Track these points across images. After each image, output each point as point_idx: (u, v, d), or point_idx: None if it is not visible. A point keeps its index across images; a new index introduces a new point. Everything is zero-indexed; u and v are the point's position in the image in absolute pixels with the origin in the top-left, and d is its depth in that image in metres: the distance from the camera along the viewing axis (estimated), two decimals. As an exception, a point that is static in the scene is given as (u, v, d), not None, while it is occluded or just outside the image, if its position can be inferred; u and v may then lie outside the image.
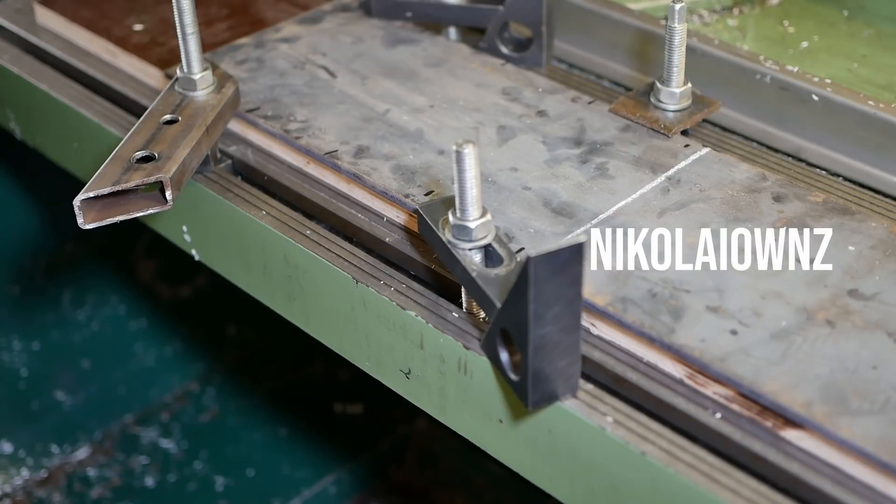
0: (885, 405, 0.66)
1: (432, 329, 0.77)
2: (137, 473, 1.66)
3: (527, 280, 0.63)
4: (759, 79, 0.95)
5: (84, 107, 1.04)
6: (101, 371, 1.69)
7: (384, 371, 0.84)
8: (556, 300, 0.64)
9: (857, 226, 0.80)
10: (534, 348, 0.65)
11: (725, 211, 0.82)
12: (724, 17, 1.13)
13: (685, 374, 0.72)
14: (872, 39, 1.08)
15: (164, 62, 1.03)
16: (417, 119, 0.93)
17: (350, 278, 0.82)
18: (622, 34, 1.03)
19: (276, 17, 1.10)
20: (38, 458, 1.61)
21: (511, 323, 0.68)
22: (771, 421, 0.68)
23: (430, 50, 1.02)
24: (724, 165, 0.86)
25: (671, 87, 0.91)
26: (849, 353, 0.70)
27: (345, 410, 1.75)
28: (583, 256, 0.63)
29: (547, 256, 0.62)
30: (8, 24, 1.15)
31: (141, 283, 1.72)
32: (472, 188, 0.72)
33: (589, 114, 0.93)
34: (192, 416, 1.72)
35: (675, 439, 0.70)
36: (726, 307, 0.73)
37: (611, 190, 0.84)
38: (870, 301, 0.73)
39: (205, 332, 1.76)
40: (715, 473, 0.68)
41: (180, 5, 0.89)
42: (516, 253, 0.76)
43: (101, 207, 0.83)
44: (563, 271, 0.63)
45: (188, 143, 0.87)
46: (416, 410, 0.66)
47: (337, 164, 0.88)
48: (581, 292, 0.65)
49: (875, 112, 0.90)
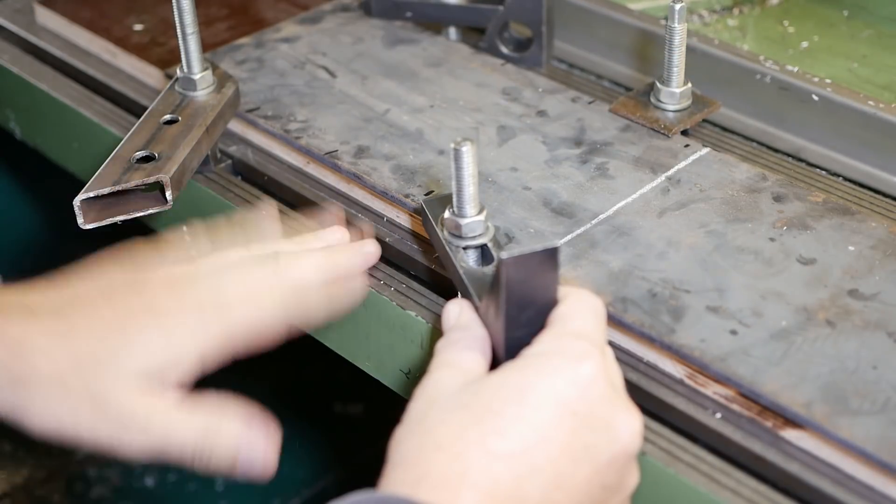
0: (885, 405, 0.66)
1: (432, 329, 0.77)
2: (137, 473, 1.66)
3: (499, 281, 0.63)
4: (759, 79, 0.95)
5: (84, 107, 1.04)
6: (102, 371, 1.68)
7: (384, 371, 0.84)
8: (530, 303, 0.64)
9: (857, 226, 0.80)
10: (506, 350, 0.65)
11: (725, 211, 0.82)
12: (724, 17, 1.13)
13: (685, 374, 0.72)
14: (872, 39, 1.08)
15: (164, 62, 1.03)
16: (417, 119, 0.93)
17: (350, 278, 0.82)
18: (622, 34, 1.03)
19: (276, 17, 1.10)
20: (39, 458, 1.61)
21: (487, 324, 0.67)
22: (771, 421, 0.68)
23: (430, 50, 1.02)
24: (724, 165, 0.86)
25: (671, 87, 0.91)
26: (849, 353, 0.70)
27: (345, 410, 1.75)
28: (557, 261, 0.63)
29: (520, 258, 0.61)
30: (8, 24, 1.15)
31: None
32: (470, 186, 0.72)
33: (589, 114, 0.93)
34: (192, 416, 1.72)
35: (675, 439, 0.70)
36: (726, 307, 0.73)
37: (611, 190, 0.84)
38: (870, 301, 0.73)
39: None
40: (715, 473, 0.68)
41: (180, 5, 0.89)
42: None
43: (101, 207, 0.83)
44: (538, 275, 0.63)
45: (188, 143, 0.87)
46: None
47: (337, 164, 0.88)
48: (556, 297, 0.65)
49: (875, 112, 0.90)
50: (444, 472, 0.58)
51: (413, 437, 0.60)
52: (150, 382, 0.67)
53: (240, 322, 0.70)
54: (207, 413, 0.68)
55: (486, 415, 0.59)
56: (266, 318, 0.71)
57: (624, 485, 0.63)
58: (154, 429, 0.66)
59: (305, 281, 0.72)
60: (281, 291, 0.71)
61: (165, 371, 0.67)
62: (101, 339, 0.67)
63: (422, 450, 0.59)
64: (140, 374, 0.66)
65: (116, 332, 0.67)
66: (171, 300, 0.69)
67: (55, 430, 0.67)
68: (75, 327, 0.68)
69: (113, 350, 0.67)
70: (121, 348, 0.67)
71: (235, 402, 0.69)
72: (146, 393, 0.66)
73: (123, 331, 0.67)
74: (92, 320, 0.68)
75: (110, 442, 0.67)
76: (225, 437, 0.67)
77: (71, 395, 0.66)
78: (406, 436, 0.61)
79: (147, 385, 0.67)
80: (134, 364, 0.67)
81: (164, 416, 0.67)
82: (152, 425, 0.66)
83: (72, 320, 0.68)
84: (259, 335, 0.71)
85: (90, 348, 0.67)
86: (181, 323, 0.68)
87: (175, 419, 0.67)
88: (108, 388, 0.66)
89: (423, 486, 0.57)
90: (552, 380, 0.60)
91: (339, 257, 0.76)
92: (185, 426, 0.67)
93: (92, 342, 0.67)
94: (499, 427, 0.59)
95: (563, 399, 0.60)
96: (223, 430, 0.67)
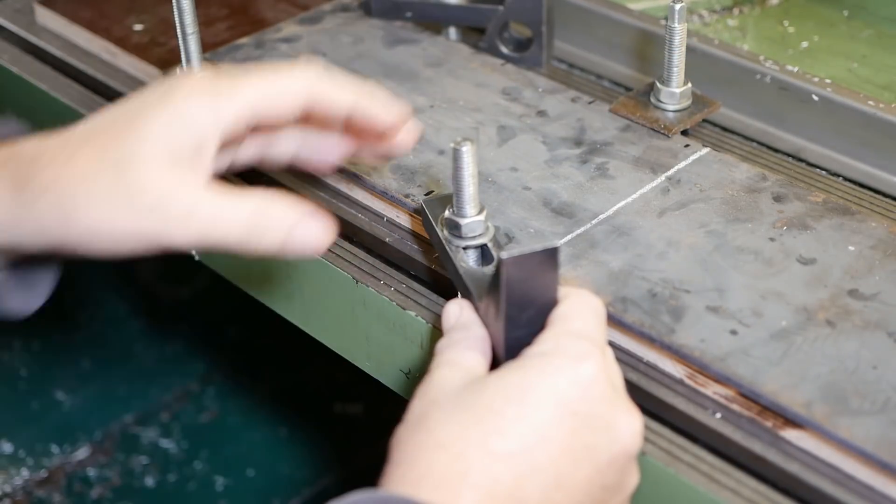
0: (885, 405, 0.66)
1: (432, 329, 0.78)
2: (137, 473, 1.66)
3: (500, 281, 0.63)
4: (759, 79, 0.95)
5: (84, 107, 1.04)
6: (101, 371, 1.69)
7: (384, 371, 0.84)
8: (531, 303, 0.64)
9: (857, 226, 0.80)
10: (507, 350, 0.65)
11: (725, 211, 0.82)
12: (724, 17, 1.13)
13: (685, 374, 0.72)
14: (872, 39, 1.08)
15: (164, 62, 1.03)
16: (417, 119, 0.92)
17: (350, 278, 0.82)
18: (622, 34, 1.03)
19: (276, 17, 1.10)
20: (38, 458, 1.61)
21: (488, 324, 0.67)
22: (771, 421, 0.68)
23: (430, 50, 1.02)
24: (724, 165, 0.86)
25: (671, 87, 0.91)
26: (849, 353, 0.70)
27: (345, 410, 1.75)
28: (557, 260, 0.63)
29: (520, 258, 0.61)
30: (8, 24, 1.15)
31: (141, 283, 1.72)
32: (469, 186, 0.72)
33: (589, 114, 0.93)
34: (192, 416, 1.72)
35: (675, 439, 0.70)
36: (726, 307, 0.73)
37: (611, 190, 0.84)
38: (870, 301, 0.73)
39: (205, 333, 1.76)
40: (715, 473, 0.68)
41: (180, 5, 0.89)
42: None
43: (101, 207, 0.83)
44: (538, 274, 0.63)
45: (188, 143, 0.87)
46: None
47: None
48: (556, 297, 0.65)
49: (875, 112, 0.90)
50: (444, 472, 0.58)
51: (414, 436, 0.60)
52: (183, 168, 0.66)
53: (254, 98, 0.68)
54: (254, 196, 0.67)
55: (487, 414, 0.59)
56: (283, 90, 0.69)
57: (624, 485, 0.63)
58: (199, 215, 0.65)
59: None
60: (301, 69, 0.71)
61: (194, 156, 0.66)
62: (122, 133, 0.66)
63: (423, 449, 0.59)
64: (169, 159, 0.65)
65: (135, 123, 0.66)
66: (183, 88, 0.68)
67: (103, 239, 0.66)
68: (95, 131, 0.67)
69: (136, 139, 0.66)
70: (143, 138, 0.66)
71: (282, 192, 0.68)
72: (182, 179, 0.66)
73: (142, 119, 0.66)
74: (107, 122, 0.68)
75: (158, 237, 0.66)
76: (276, 216, 0.66)
77: (108, 194, 0.65)
78: (407, 435, 0.61)
79: (180, 171, 0.66)
80: (160, 148, 0.65)
81: (208, 203, 0.66)
82: (197, 212, 0.65)
83: (88, 127, 0.68)
84: (277, 108, 0.69)
85: (113, 143, 0.66)
86: (194, 104, 0.67)
87: (219, 203, 0.66)
88: (142, 177, 0.65)
89: (424, 486, 0.57)
90: (553, 380, 0.60)
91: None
92: (231, 210, 0.66)
93: (113, 138, 0.66)
94: (500, 427, 0.59)
95: (563, 399, 0.60)
96: (273, 209, 0.67)
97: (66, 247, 0.67)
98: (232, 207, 0.66)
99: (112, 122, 0.68)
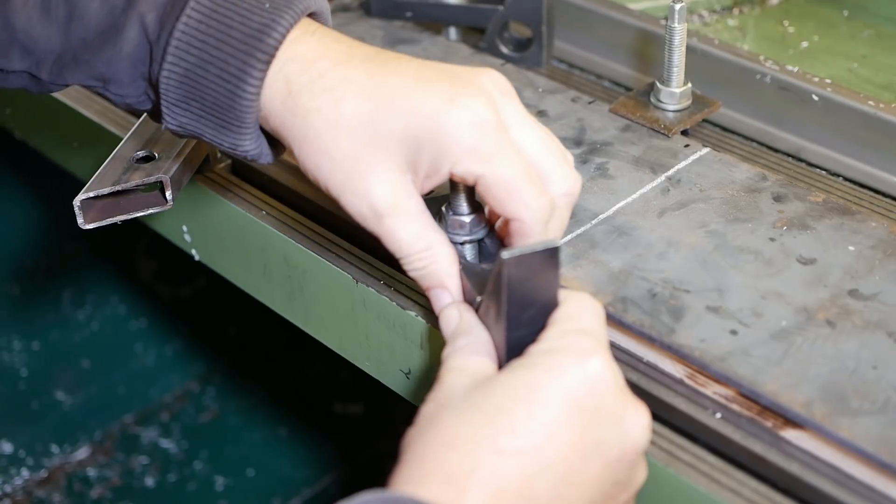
0: (885, 405, 0.66)
1: (432, 329, 0.77)
2: (137, 473, 1.66)
3: (500, 281, 0.63)
4: (759, 79, 0.95)
5: (84, 107, 1.04)
6: (101, 371, 1.69)
7: (384, 371, 0.84)
8: (532, 303, 0.64)
9: (857, 226, 0.80)
10: (508, 351, 0.65)
11: (725, 211, 0.82)
12: (724, 17, 1.13)
13: (685, 374, 0.72)
14: (872, 39, 1.08)
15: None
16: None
17: (350, 278, 0.82)
18: (622, 34, 1.03)
19: (276, 17, 1.10)
20: (38, 458, 1.61)
21: (488, 325, 0.67)
22: (771, 421, 0.68)
23: (430, 50, 1.02)
24: (724, 165, 0.86)
25: (671, 87, 0.91)
26: (849, 353, 0.70)
27: (345, 410, 1.75)
28: (558, 260, 0.63)
29: (521, 258, 0.61)
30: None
31: (141, 283, 1.72)
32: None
33: (589, 114, 0.93)
34: (192, 416, 1.72)
35: (675, 439, 0.70)
36: (726, 307, 0.73)
37: (611, 190, 0.84)
38: (870, 301, 0.73)
39: (205, 332, 1.76)
40: (715, 473, 0.68)
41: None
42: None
43: (101, 207, 0.83)
44: (539, 274, 0.63)
45: (188, 142, 0.87)
46: (416, 410, 0.66)
47: (337, 164, 0.88)
48: (557, 297, 0.65)
49: (875, 112, 0.90)
50: (451, 470, 0.58)
51: (423, 436, 0.61)
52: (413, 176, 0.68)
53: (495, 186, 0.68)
54: (435, 235, 0.69)
55: (497, 413, 0.60)
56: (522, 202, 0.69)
57: (633, 480, 0.63)
58: (384, 222, 0.68)
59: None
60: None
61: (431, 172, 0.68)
62: (389, 105, 0.67)
63: (432, 448, 0.59)
64: (410, 167, 0.68)
65: (421, 82, 0.68)
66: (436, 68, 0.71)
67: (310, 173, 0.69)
68: (385, 72, 0.69)
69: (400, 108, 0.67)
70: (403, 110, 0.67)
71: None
72: (398, 187, 0.68)
73: (425, 83, 0.68)
74: (399, 69, 0.69)
75: (348, 209, 0.68)
76: (439, 266, 0.69)
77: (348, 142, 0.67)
78: (417, 437, 0.61)
79: (404, 176, 0.68)
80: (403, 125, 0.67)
81: (394, 218, 0.68)
82: (382, 220, 0.68)
83: (383, 67, 0.69)
84: (499, 204, 0.69)
85: (390, 93, 0.67)
86: (468, 137, 0.68)
87: (402, 227, 0.68)
88: (374, 165, 0.67)
89: (430, 483, 0.57)
90: (561, 377, 0.60)
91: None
92: (409, 237, 0.68)
93: (394, 89, 0.68)
94: (509, 425, 0.59)
95: (572, 395, 0.60)
96: (440, 257, 0.69)
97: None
98: (410, 235, 0.69)
99: (396, 78, 0.68)
